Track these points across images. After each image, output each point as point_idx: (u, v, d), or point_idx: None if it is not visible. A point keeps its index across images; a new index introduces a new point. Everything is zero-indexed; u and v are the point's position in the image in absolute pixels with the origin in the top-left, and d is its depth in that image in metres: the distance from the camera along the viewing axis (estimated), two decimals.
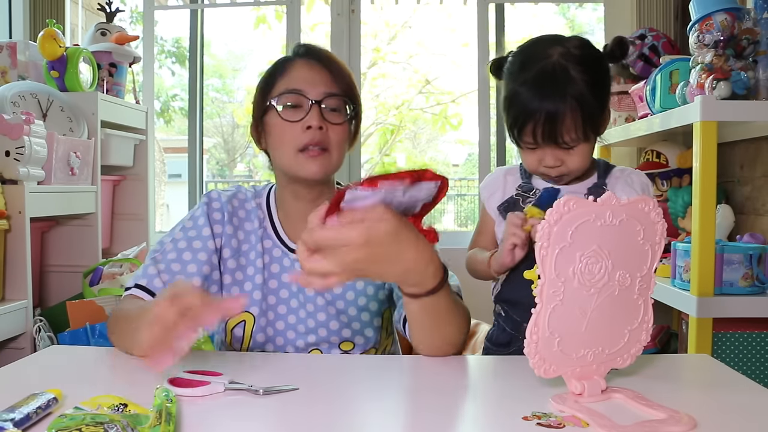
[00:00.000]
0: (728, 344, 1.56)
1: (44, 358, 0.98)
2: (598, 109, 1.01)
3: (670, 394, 0.78)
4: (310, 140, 1.06)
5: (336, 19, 2.68)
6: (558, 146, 1.00)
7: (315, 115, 1.07)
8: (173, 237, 1.12)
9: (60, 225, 2.24)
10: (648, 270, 0.77)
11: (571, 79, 0.99)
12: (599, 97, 1.01)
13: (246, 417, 0.72)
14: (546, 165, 1.03)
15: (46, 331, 1.92)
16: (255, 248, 1.13)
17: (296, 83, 1.09)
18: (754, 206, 1.86)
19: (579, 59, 1.01)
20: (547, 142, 1.00)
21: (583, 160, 1.03)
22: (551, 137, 0.99)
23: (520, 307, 1.08)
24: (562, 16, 5.26)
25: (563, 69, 1.00)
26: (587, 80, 0.99)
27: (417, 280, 0.85)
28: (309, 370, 0.90)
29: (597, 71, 1.02)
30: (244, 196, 1.18)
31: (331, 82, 1.10)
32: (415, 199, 0.84)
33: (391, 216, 0.78)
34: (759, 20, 1.55)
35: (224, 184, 6.64)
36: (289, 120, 1.08)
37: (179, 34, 5.50)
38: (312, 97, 1.07)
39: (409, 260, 0.82)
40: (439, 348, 0.96)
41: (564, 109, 0.98)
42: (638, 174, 1.06)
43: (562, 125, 0.98)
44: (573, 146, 1.00)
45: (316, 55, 1.12)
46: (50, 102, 2.11)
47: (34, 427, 0.66)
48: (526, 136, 1.02)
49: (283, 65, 1.12)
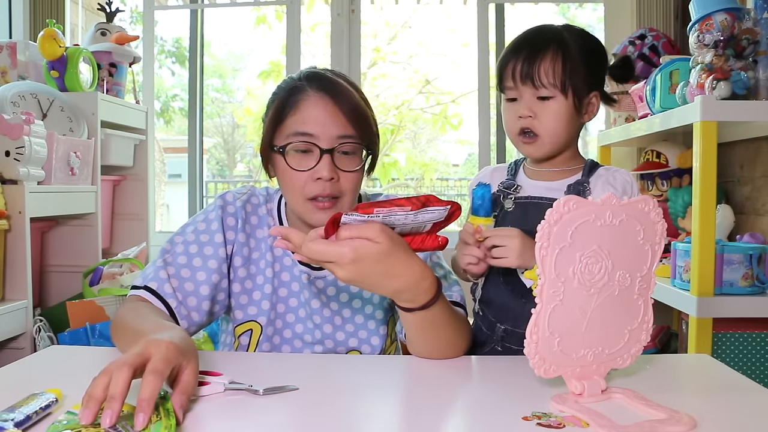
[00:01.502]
0: (728, 344, 1.56)
1: (44, 358, 0.98)
2: (583, 70, 1.01)
3: (670, 394, 0.78)
4: (320, 192, 1.01)
5: (336, 19, 2.68)
6: (534, 88, 1.00)
7: (326, 166, 1.01)
8: (185, 238, 1.08)
9: (60, 225, 2.24)
10: (648, 270, 0.77)
11: (561, 36, 1.02)
12: (587, 66, 1.01)
13: (246, 417, 0.72)
14: (520, 115, 1.02)
15: (46, 331, 1.92)
16: (265, 257, 1.11)
17: (307, 125, 1.01)
18: (754, 206, 1.86)
19: (576, 32, 1.04)
20: (525, 81, 1.00)
21: (555, 121, 1.01)
22: (529, 75, 1.00)
23: (494, 306, 1.08)
24: (562, 16, 5.26)
25: (557, 31, 1.03)
26: (578, 44, 1.01)
27: (410, 297, 0.87)
28: (309, 370, 0.90)
29: (591, 49, 1.03)
30: (257, 201, 1.14)
31: (345, 123, 1.02)
32: (422, 220, 0.85)
33: (384, 237, 0.81)
34: (759, 20, 1.55)
35: (224, 184, 6.64)
36: (297, 169, 1.02)
37: (179, 34, 5.50)
38: (323, 146, 1.01)
39: (400, 280, 0.84)
40: (438, 355, 0.96)
41: (546, 50, 1.00)
42: (622, 172, 1.04)
43: (541, 63, 1.00)
44: (549, 95, 1.00)
45: (330, 89, 1.03)
46: (50, 102, 2.11)
47: (34, 427, 0.66)
48: (507, 79, 1.03)
49: (294, 98, 1.04)
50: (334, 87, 1.04)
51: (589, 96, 1.03)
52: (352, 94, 1.04)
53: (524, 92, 1.01)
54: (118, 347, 0.97)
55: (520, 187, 1.07)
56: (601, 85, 1.05)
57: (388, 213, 0.81)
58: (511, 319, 1.04)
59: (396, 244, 0.82)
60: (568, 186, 1.03)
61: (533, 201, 1.05)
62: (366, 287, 0.86)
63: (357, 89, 1.07)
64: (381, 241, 0.80)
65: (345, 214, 0.81)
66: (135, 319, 0.95)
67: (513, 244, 0.94)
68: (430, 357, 0.95)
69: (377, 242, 0.80)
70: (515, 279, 1.04)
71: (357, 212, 0.80)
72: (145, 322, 0.91)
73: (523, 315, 1.01)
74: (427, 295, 0.87)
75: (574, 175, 1.06)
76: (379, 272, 0.82)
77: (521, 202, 1.05)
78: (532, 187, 1.06)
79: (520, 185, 1.07)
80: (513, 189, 1.06)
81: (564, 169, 1.06)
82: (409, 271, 0.84)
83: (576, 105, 1.01)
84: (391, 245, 0.81)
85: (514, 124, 1.03)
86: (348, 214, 0.81)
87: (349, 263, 0.80)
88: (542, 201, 1.04)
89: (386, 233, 0.81)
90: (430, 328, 0.92)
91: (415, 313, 0.89)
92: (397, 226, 0.85)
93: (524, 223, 1.00)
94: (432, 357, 0.95)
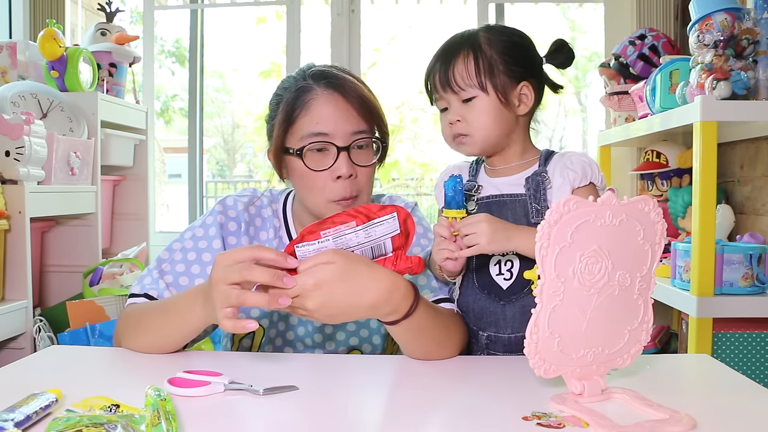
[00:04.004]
0: (728, 344, 1.56)
1: (44, 358, 0.98)
2: (502, 64, 1.00)
3: (670, 394, 0.78)
4: (343, 193, 1.02)
5: (336, 19, 2.68)
6: (455, 93, 1.00)
7: (344, 163, 1.02)
8: (183, 245, 1.08)
9: (60, 225, 2.24)
10: (648, 270, 0.77)
11: (472, 38, 1.02)
12: (508, 60, 1.01)
13: (246, 417, 0.72)
14: (450, 122, 1.02)
15: (46, 331, 1.92)
16: None
17: (320, 125, 1.02)
18: (754, 206, 1.86)
19: (495, 29, 1.04)
20: (445, 88, 1.01)
21: (484, 118, 1.00)
22: (447, 81, 1.00)
23: (473, 314, 1.04)
24: (562, 16, 5.26)
25: (470, 34, 1.03)
26: (493, 41, 1.01)
27: (389, 310, 0.86)
28: (309, 370, 0.90)
29: (511, 43, 1.02)
30: (261, 203, 1.14)
31: (357, 118, 1.03)
32: (375, 237, 0.85)
33: (338, 257, 0.82)
34: (759, 20, 1.55)
35: (224, 184, 6.62)
36: (315, 170, 1.02)
37: (179, 34, 5.49)
38: (339, 143, 1.02)
39: (370, 294, 0.84)
40: (433, 356, 0.95)
41: (457, 54, 1.01)
42: (579, 154, 1.02)
43: (455, 68, 1.00)
44: (470, 96, 1.00)
45: (338, 86, 1.04)
46: (50, 102, 2.11)
47: (34, 427, 0.66)
48: (433, 90, 1.04)
49: (303, 98, 1.03)
50: (342, 83, 1.04)
51: (517, 87, 1.02)
52: (361, 88, 1.05)
53: (450, 99, 1.02)
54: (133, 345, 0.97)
55: (482, 186, 1.06)
56: (532, 74, 1.03)
57: (336, 234, 0.84)
58: (493, 325, 1.02)
59: (354, 261, 0.83)
60: (526, 179, 1.02)
61: (495, 199, 1.03)
62: (340, 314, 0.85)
63: (362, 83, 1.08)
64: (336, 260, 0.82)
65: (296, 246, 0.84)
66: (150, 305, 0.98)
67: (481, 228, 0.92)
68: (424, 359, 0.95)
69: (333, 262, 0.82)
70: (489, 280, 1.02)
71: (305, 240, 0.84)
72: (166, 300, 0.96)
73: (505, 318, 1.00)
74: (406, 302, 0.87)
75: (530, 167, 1.04)
76: (345, 291, 0.82)
77: (484, 201, 1.04)
78: (492, 185, 1.05)
79: (481, 185, 1.06)
80: (474, 190, 1.06)
81: (519, 163, 1.05)
82: (376, 284, 0.84)
83: (502, 99, 1.00)
84: (347, 261, 0.82)
85: (447, 130, 1.04)
86: (299, 245, 0.84)
87: (312, 290, 0.81)
88: (504, 198, 1.03)
89: (340, 253, 0.83)
90: (418, 334, 0.92)
91: (400, 324, 0.89)
92: (354, 248, 0.87)
93: None
94: (426, 359, 0.95)
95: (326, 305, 0.82)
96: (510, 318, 1.00)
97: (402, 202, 1.18)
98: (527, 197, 1.00)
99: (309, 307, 0.82)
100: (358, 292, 0.83)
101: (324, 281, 0.81)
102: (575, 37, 5.15)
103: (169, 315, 0.93)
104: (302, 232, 0.85)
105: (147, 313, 0.97)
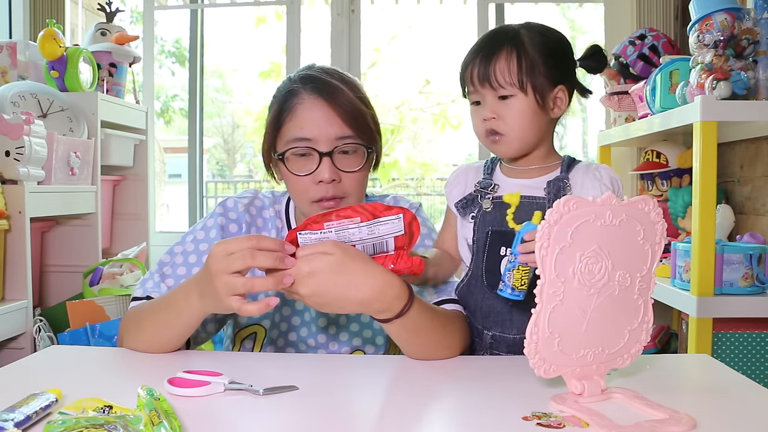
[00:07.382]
0: (728, 344, 1.56)
1: (44, 358, 0.98)
2: (542, 66, 1.00)
3: (670, 394, 0.78)
4: (324, 195, 1.02)
5: (336, 19, 2.68)
6: (493, 89, 1.00)
7: (326, 168, 1.01)
8: (184, 248, 1.08)
9: (60, 225, 2.24)
10: (648, 270, 0.77)
11: (515, 35, 1.01)
12: (548, 61, 1.01)
13: (246, 417, 0.72)
14: (484, 118, 1.02)
15: (46, 331, 1.92)
16: None
17: (304, 129, 1.02)
18: (754, 206, 1.86)
19: (536, 29, 1.03)
20: (483, 83, 1.00)
21: (519, 119, 1.00)
22: (486, 77, 1.00)
23: (480, 313, 1.03)
24: (562, 16, 5.26)
25: (512, 30, 1.03)
26: (535, 40, 1.00)
27: (381, 308, 0.87)
28: (309, 370, 0.90)
29: (552, 44, 1.02)
30: (262, 203, 1.14)
31: (341, 124, 1.02)
32: (378, 235, 0.85)
33: (337, 249, 0.83)
34: (759, 20, 1.55)
35: (224, 184, 6.63)
36: (297, 174, 1.03)
37: (179, 34, 5.50)
38: (322, 149, 1.01)
39: (362, 290, 0.84)
40: (432, 357, 0.95)
41: (500, 50, 1.00)
42: (606, 168, 1.03)
43: (496, 64, 0.99)
44: (508, 94, 0.99)
45: (324, 90, 1.03)
46: (50, 102, 2.11)
47: (34, 427, 0.66)
48: (468, 84, 1.03)
49: (290, 103, 1.04)
50: (327, 88, 1.04)
51: (554, 90, 1.02)
52: (347, 94, 1.04)
53: (485, 94, 1.01)
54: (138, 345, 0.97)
55: (498, 185, 1.06)
56: (568, 78, 1.04)
57: (339, 227, 0.85)
58: (499, 325, 1.02)
59: (351, 255, 0.84)
60: (548, 182, 1.02)
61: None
62: (331, 304, 0.85)
63: (353, 87, 1.07)
64: (334, 252, 0.82)
65: (299, 233, 0.85)
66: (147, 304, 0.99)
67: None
68: (424, 359, 0.95)
69: (331, 253, 0.82)
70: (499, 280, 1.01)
71: (308, 228, 0.85)
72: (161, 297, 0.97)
73: (512, 319, 1.00)
74: (399, 301, 0.87)
75: (552, 171, 1.04)
76: (338, 284, 0.83)
77: (499, 201, 1.04)
78: (509, 185, 1.05)
79: (497, 184, 1.06)
80: (490, 188, 1.05)
81: (541, 166, 1.05)
82: (371, 281, 0.84)
83: (539, 101, 1.00)
84: (345, 255, 0.83)
85: (481, 126, 1.03)
86: (302, 233, 0.85)
87: (306, 277, 0.82)
88: (522, 199, 1.03)
89: (340, 245, 0.84)
90: (414, 334, 0.92)
91: (393, 322, 0.89)
92: (355, 242, 0.87)
93: (503, 222, 1.00)
94: (426, 359, 0.95)
95: (318, 293, 0.83)
96: (517, 319, 1.00)
97: (406, 203, 1.17)
98: (546, 201, 1.00)
99: (301, 293, 0.83)
100: (351, 286, 0.83)
101: (318, 270, 0.82)
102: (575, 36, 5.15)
103: (165, 311, 0.93)
104: (306, 221, 0.86)
105: (145, 312, 0.98)
